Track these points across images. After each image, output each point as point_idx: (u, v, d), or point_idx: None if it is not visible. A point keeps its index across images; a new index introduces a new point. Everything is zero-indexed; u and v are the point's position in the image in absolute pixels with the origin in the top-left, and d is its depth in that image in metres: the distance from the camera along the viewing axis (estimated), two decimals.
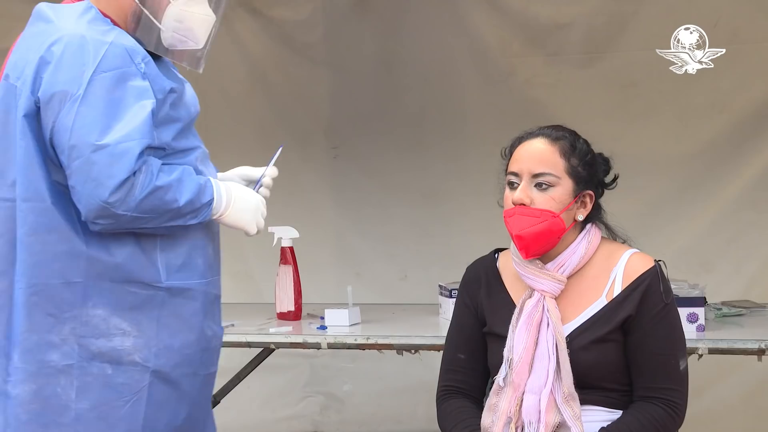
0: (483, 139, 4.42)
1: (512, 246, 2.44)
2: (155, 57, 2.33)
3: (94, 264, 2.24)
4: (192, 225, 2.31)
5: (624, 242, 2.49)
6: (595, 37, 4.42)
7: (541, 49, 4.50)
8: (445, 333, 2.63)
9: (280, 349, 3.53)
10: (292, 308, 3.66)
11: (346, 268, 4.74)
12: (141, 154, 2.17)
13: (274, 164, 2.56)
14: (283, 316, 3.66)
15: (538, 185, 2.38)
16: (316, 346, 3.37)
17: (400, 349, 3.33)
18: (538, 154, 2.39)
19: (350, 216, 4.80)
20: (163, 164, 2.26)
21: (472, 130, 4.59)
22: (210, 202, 2.32)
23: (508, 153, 2.46)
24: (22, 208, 2.22)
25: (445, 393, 2.53)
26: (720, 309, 3.54)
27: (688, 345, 2.48)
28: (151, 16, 2.33)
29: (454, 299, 2.62)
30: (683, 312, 3.02)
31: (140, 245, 2.27)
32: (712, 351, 3.08)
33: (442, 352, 2.60)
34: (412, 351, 3.34)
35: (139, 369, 2.28)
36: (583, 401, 2.35)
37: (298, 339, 3.39)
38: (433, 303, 3.70)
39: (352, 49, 4.72)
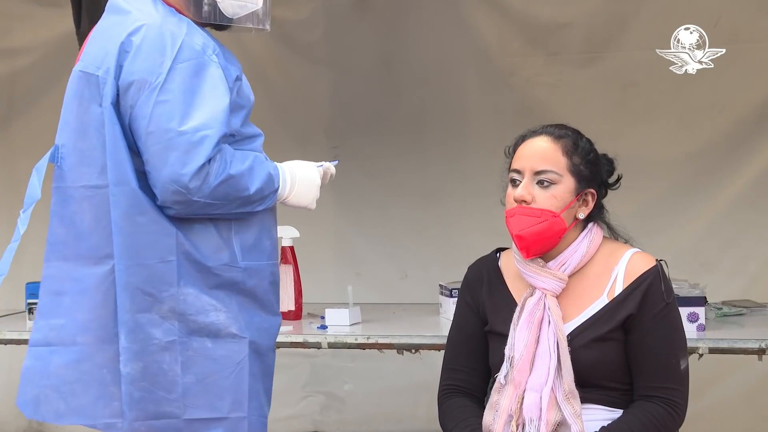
0: (483, 139, 4.42)
1: (513, 245, 2.45)
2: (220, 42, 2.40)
3: (182, 244, 2.30)
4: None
5: (626, 242, 2.50)
6: (595, 37, 4.42)
7: (541, 49, 4.50)
8: (445, 332, 2.63)
9: (280, 349, 3.49)
10: (293, 308, 3.65)
11: (347, 267, 4.73)
12: (218, 142, 2.23)
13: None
14: (284, 316, 3.61)
15: (540, 183, 2.38)
16: (317, 346, 3.37)
17: (401, 348, 3.32)
18: (540, 152, 2.40)
19: (350, 216, 4.79)
20: (235, 151, 2.32)
21: (472, 130, 4.58)
22: (276, 190, 2.39)
23: (512, 151, 2.47)
24: (114, 193, 2.28)
25: (447, 392, 2.53)
26: (720, 308, 3.55)
27: (689, 344, 2.48)
28: None
29: (455, 299, 2.63)
30: (684, 311, 3.02)
31: (217, 228, 2.35)
32: (712, 350, 3.07)
33: (442, 351, 2.61)
34: (413, 350, 3.34)
35: (237, 340, 2.36)
36: (584, 400, 2.35)
37: (299, 338, 3.39)
38: (433, 303, 3.70)
39: (352, 49, 4.71)
